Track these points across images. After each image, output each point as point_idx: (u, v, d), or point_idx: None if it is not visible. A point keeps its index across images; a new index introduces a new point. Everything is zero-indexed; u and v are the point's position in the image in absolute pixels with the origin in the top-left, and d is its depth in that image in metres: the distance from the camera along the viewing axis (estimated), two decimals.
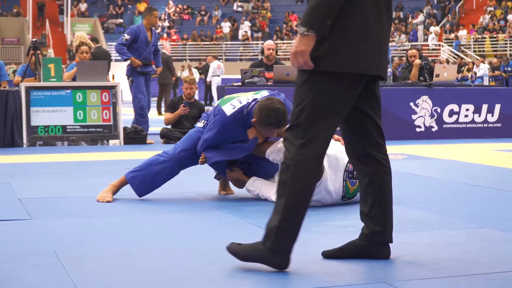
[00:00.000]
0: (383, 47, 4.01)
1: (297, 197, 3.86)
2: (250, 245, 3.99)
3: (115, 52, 13.56)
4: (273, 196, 5.97)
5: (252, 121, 5.96)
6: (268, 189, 6.20)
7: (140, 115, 12.66)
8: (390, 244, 4.22)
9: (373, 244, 4.18)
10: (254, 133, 6.10)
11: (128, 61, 12.72)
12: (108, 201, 6.26)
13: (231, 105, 6.11)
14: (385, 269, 4.00)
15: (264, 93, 6.26)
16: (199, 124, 6.41)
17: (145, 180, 6.38)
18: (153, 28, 13.08)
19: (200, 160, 6.30)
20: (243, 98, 6.17)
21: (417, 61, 14.30)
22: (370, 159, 4.13)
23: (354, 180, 6.04)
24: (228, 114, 6.07)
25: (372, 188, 4.15)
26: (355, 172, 5.98)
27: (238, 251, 4.02)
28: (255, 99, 6.12)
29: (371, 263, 4.12)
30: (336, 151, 5.97)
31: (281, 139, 5.96)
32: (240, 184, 6.45)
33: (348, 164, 5.99)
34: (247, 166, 6.40)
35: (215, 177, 6.74)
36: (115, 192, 6.40)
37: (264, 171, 6.43)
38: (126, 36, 12.51)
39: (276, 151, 6.06)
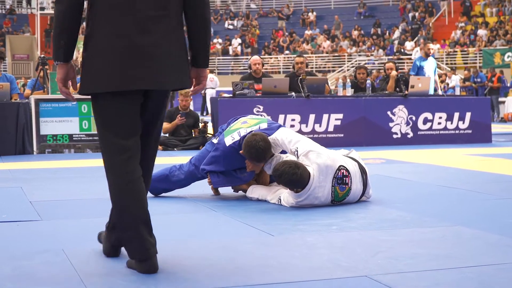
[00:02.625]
0: (138, 59, 3.71)
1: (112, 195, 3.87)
2: None
3: None
4: (268, 197, 6.29)
5: (241, 152, 6.23)
6: (264, 193, 6.37)
7: None
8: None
9: None
10: (250, 167, 6.34)
11: None
12: None
13: (231, 137, 6.37)
14: (367, 263, 4.01)
15: (263, 125, 6.47)
16: (214, 140, 6.57)
17: (159, 188, 6.69)
18: None
19: (208, 181, 6.54)
20: (243, 130, 6.38)
21: (394, 73, 14.33)
22: None
23: (343, 186, 6.02)
24: (227, 145, 6.32)
25: None
26: (344, 179, 5.99)
27: None
28: (251, 132, 6.26)
29: (354, 258, 4.13)
30: (326, 159, 5.93)
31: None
32: (243, 191, 6.67)
33: (337, 171, 5.97)
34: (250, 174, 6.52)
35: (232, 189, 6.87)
36: None
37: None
38: None
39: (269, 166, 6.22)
